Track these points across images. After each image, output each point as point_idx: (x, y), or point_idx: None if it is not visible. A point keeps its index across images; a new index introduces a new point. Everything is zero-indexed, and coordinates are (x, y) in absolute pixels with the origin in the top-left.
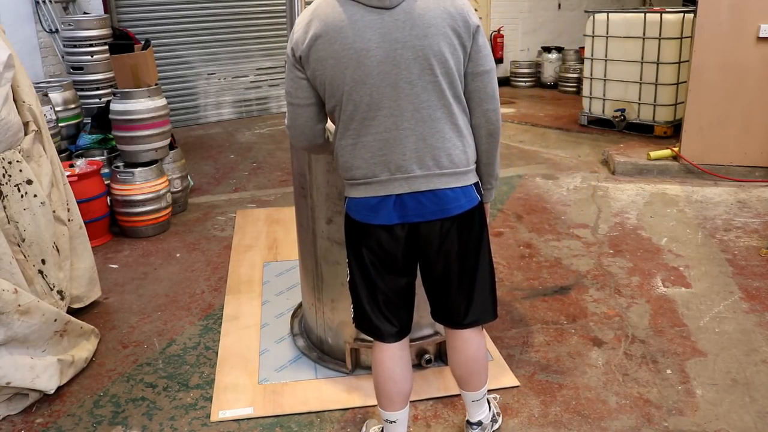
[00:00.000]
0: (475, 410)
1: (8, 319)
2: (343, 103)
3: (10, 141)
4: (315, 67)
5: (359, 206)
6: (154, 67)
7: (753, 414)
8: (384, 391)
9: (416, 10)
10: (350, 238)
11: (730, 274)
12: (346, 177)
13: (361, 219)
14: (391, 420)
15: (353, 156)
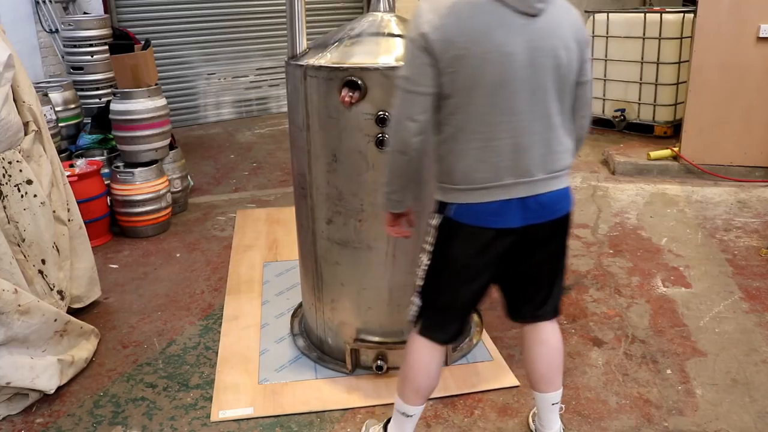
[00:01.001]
0: (554, 416)
1: (8, 319)
2: (474, 105)
3: (10, 141)
4: (451, 63)
5: (476, 212)
6: (154, 67)
7: (753, 414)
8: (416, 386)
9: (554, 20)
10: (449, 243)
11: (730, 274)
12: (461, 182)
13: (478, 224)
14: (410, 414)
15: (479, 160)
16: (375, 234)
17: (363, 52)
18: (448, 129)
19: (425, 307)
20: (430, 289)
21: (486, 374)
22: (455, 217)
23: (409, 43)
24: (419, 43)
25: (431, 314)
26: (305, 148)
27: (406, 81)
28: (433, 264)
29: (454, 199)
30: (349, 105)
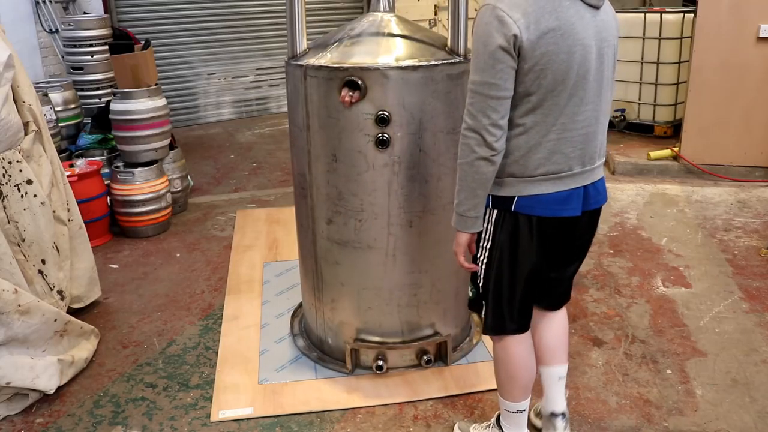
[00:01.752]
0: (560, 393)
1: (8, 319)
2: (557, 99)
3: (10, 141)
4: (538, 61)
5: (546, 202)
6: (154, 67)
7: (753, 414)
8: (520, 382)
9: (608, 14)
10: (511, 237)
11: (730, 274)
12: (534, 173)
13: (544, 214)
14: (522, 409)
15: (553, 151)
16: (375, 234)
17: (363, 52)
18: (522, 125)
19: (497, 305)
20: (499, 287)
21: (486, 374)
22: (520, 210)
23: (491, 47)
24: (505, 46)
25: (509, 311)
26: (305, 148)
27: (489, 87)
28: (494, 261)
29: (519, 192)
30: (349, 105)
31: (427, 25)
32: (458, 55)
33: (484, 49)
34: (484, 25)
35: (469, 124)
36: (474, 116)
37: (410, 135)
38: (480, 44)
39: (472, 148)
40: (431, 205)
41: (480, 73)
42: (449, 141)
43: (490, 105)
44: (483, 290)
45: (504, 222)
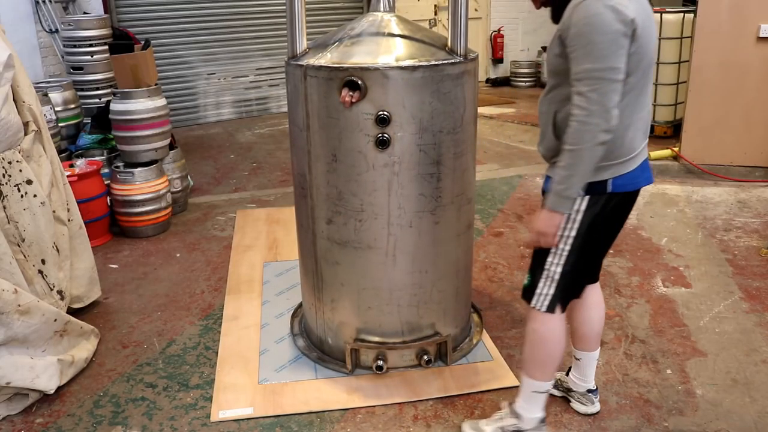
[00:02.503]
0: (593, 372)
1: (8, 319)
2: (643, 79)
3: (10, 141)
4: (641, 43)
5: (631, 177)
6: (154, 67)
7: (753, 414)
8: (556, 359)
9: None
10: (600, 218)
11: (730, 274)
12: (623, 153)
13: (632, 188)
14: (547, 388)
15: (637, 129)
16: (375, 234)
17: (363, 52)
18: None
19: (571, 285)
20: (573, 270)
21: (486, 374)
22: (615, 190)
23: (612, 34)
24: (625, 31)
25: (578, 288)
26: (305, 148)
27: (612, 71)
28: (576, 245)
29: (613, 174)
30: (349, 105)
31: (427, 25)
32: (458, 55)
33: (603, 37)
34: (595, 15)
35: (592, 110)
36: (598, 102)
37: (410, 135)
38: (596, 33)
39: (595, 134)
40: (431, 205)
41: (601, 59)
42: (449, 141)
43: (614, 88)
44: (561, 278)
45: (594, 205)
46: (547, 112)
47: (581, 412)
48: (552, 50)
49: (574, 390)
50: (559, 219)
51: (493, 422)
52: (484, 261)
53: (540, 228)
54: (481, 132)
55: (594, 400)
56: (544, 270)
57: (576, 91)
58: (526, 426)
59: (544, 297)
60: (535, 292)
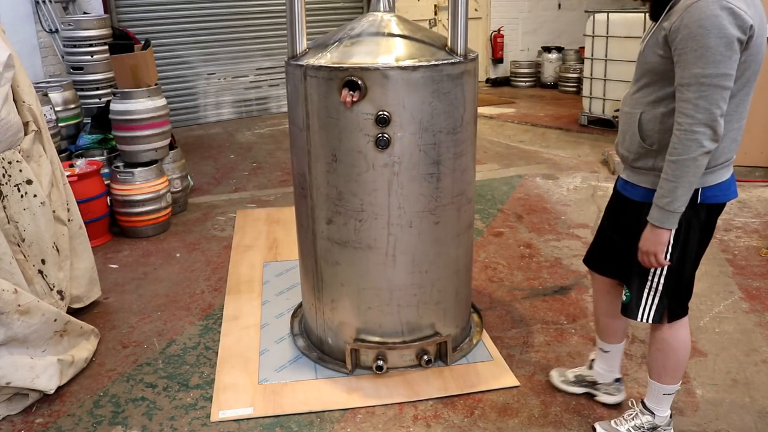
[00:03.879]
0: (620, 363)
1: (8, 319)
2: (748, 87)
3: (10, 141)
4: (751, 52)
5: (722, 188)
6: (154, 67)
7: (753, 414)
8: (686, 363)
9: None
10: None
11: (730, 274)
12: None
13: (718, 200)
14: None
15: (734, 139)
16: (375, 234)
17: (363, 52)
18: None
19: (680, 294)
20: (683, 278)
21: (486, 374)
22: (704, 201)
23: (727, 39)
24: (741, 38)
25: (687, 296)
26: (305, 148)
27: (724, 78)
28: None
29: (702, 184)
30: (350, 105)
31: (427, 25)
32: (458, 55)
33: (718, 41)
34: (711, 17)
35: (698, 118)
36: (706, 109)
37: (410, 135)
38: (712, 37)
39: (701, 143)
40: (431, 205)
41: (714, 65)
42: (449, 141)
43: (723, 96)
44: (665, 287)
45: (689, 218)
46: (632, 112)
47: (610, 403)
48: (651, 48)
49: (600, 383)
50: (666, 236)
51: (626, 422)
52: (484, 261)
53: (647, 248)
54: (481, 132)
55: (621, 388)
56: (646, 284)
57: (682, 97)
58: (660, 423)
59: (650, 310)
60: (640, 306)
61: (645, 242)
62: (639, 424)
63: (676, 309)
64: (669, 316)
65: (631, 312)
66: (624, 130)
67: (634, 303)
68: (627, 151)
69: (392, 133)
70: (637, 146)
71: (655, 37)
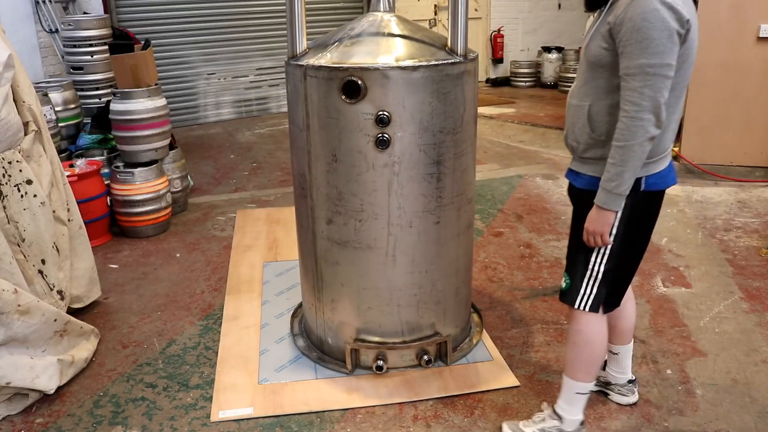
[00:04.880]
0: (630, 363)
1: (8, 319)
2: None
3: (10, 141)
4: (687, 46)
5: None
6: (154, 67)
7: (753, 414)
8: (600, 360)
9: None
10: (638, 215)
11: (730, 274)
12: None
13: (663, 186)
14: (589, 389)
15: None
16: (375, 234)
17: (363, 52)
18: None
19: (616, 284)
20: (616, 269)
21: (486, 374)
22: (647, 188)
23: (668, 31)
24: (680, 31)
25: (623, 287)
26: (305, 148)
27: (667, 68)
28: (618, 245)
29: (646, 172)
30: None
31: (427, 25)
32: (458, 55)
33: (661, 33)
34: (652, 11)
35: (644, 105)
36: (651, 97)
37: (410, 135)
38: (655, 29)
39: (647, 129)
40: (431, 205)
41: (657, 55)
42: (449, 141)
43: (666, 85)
44: (604, 278)
45: (629, 204)
46: (580, 105)
47: (622, 403)
48: (595, 41)
49: (614, 383)
50: (612, 217)
51: (533, 424)
52: (484, 261)
53: (593, 228)
54: (481, 132)
55: (634, 390)
56: (588, 270)
57: (628, 86)
58: (567, 428)
59: (588, 297)
60: (579, 293)
61: (591, 223)
62: (545, 428)
63: (612, 300)
64: (604, 307)
65: (569, 299)
66: (573, 122)
67: (573, 290)
68: (576, 142)
69: (392, 133)
70: (586, 137)
71: (599, 32)
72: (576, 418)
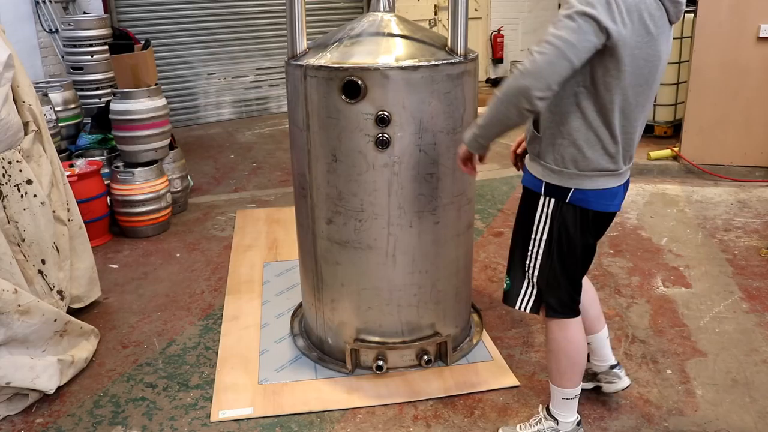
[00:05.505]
0: (608, 352)
1: (8, 319)
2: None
3: (10, 141)
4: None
5: (588, 196)
6: (154, 67)
7: (753, 414)
8: (579, 366)
9: None
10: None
11: (730, 274)
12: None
13: (583, 205)
14: (579, 393)
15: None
16: (375, 234)
17: (363, 52)
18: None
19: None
20: (554, 272)
21: (486, 374)
22: (572, 201)
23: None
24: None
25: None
26: (305, 148)
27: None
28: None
29: (575, 185)
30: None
31: (427, 25)
32: (458, 55)
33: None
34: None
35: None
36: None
37: (410, 135)
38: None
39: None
40: (431, 205)
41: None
42: (449, 141)
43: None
44: (540, 279)
45: (561, 212)
46: None
47: (613, 391)
48: None
49: (598, 372)
50: (468, 153)
51: (529, 426)
52: (484, 261)
53: (459, 155)
54: None
55: (620, 374)
56: (523, 271)
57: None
58: (563, 429)
59: (527, 298)
60: (519, 294)
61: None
62: (541, 429)
63: (554, 305)
64: (547, 311)
65: (510, 300)
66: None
67: (514, 290)
68: (526, 138)
69: (392, 133)
70: (531, 133)
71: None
72: (571, 419)
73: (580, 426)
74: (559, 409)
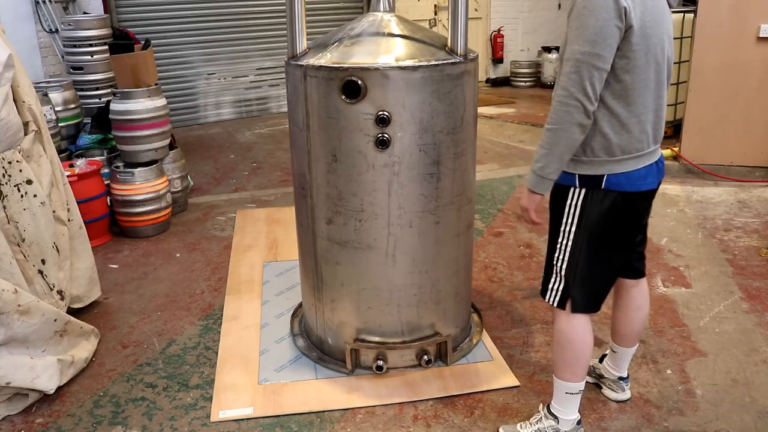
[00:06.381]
0: (627, 365)
1: (8, 319)
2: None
3: (10, 141)
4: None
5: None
6: (154, 67)
7: (753, 414)
8: (584, 360)
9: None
10: (598, 213)
11: (730, 274)
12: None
13: (624, 188)
14: (581, 389)
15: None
16: (375, 234)
17: (363, 52)
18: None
19: (575, 284)
20: (583, 267)
21: (486, 374)
22: (609, 187)
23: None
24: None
25: (584, 286)
26: (305, 148)
27: (597, 58)
28: (583, 243)
29: (609, 170)
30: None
31: (427, 25)
32: (458, 55)
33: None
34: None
35: (571, 92)
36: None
37: (410, 135)
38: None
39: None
40: (431, 205)
41: (589, 44)
42: (449, 141)
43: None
44: (567, 272)
45: (593, 201)
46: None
47: (611, 399)
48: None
49: (605, 377)
50: (538, 199)
51: (529, 425)
52: (484, 261)
53: (523, 205)
54: (481, 132)
55: (625, 387)
56: (553, 265)
57: (562, 71)
58: (563, 428)
59: (555, 292)
60: (548, 287)
61: (522, 200)
62: (542, 428)
63: (579, 300)
64: (572, 306)
65: (543, 293)
66: None
67: (545, 283)
68: None
69: (392, 133)
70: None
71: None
72: (571, 418)
73: (580, 426)
74: (561, 405)
